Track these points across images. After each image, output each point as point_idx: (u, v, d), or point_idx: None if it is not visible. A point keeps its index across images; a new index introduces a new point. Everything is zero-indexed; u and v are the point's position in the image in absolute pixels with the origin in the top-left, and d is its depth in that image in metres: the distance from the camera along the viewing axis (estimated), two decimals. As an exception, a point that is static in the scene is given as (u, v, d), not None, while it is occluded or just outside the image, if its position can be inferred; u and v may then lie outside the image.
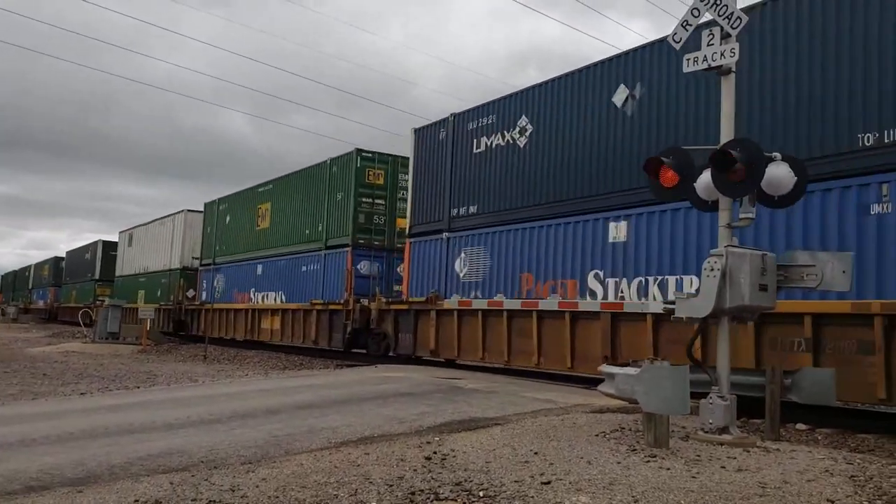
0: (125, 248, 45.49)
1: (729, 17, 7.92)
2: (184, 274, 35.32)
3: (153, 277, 39.08)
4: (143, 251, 41.44)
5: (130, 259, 43.78)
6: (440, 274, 18.34)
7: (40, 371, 18.05)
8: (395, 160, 23.26)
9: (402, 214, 21.82)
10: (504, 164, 16.87)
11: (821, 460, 6.75)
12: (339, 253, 23.10)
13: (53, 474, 6.22)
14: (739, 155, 7.42)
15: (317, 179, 25.26)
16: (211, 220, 33.83)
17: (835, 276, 7.56)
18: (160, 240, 38.81)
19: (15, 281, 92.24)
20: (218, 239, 32.73)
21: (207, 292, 32.91)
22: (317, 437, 7.82)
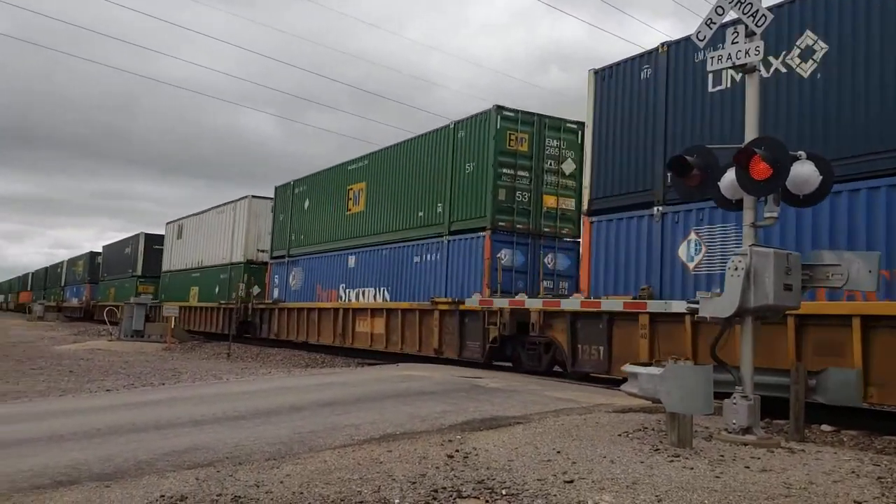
0: (173, 240, 41.14)
1: (754, 15, 7.87)
2: (248, 268, 31.03)
3: (209, 273, 34.87)
4: (197, 244, 37.34)
5: (180, 253, 39.77)
6: (647, 263, 13.25)
7: (66, 368, 18.30)
8: (540, 120, 18.13)
9: (549, 190, 17.98)
10: (772, 103, 11.24)
11: (847, 462, 6.69)
12: (469, 239, 18.17)
13: (81, 469, 6.31)
14: (765, 153, 7.37)
15: (434, 149, 20.20)
16: (284, 205, 29.22)
17: (861, 276, 7.48)
18: (218, 231, 34.63)
19: (46, 278, 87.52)
20: (294, 227, 28.05)
21: (280, 289, 28.44)
22: (340, 434, 7.87)
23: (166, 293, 40.80)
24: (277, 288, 28.70)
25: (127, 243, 51.26)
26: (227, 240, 33.28)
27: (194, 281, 36.84)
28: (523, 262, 17.63)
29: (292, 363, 21.95)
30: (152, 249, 46.20)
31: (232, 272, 32.12)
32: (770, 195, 7.71)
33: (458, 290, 18.05)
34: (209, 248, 35.45)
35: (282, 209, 29.35)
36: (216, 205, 35.57)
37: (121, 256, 52.18)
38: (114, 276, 53.57)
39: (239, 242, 32.06)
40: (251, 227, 31.59)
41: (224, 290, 32.43)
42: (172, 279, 40.49)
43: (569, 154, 18.18)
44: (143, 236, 47.75)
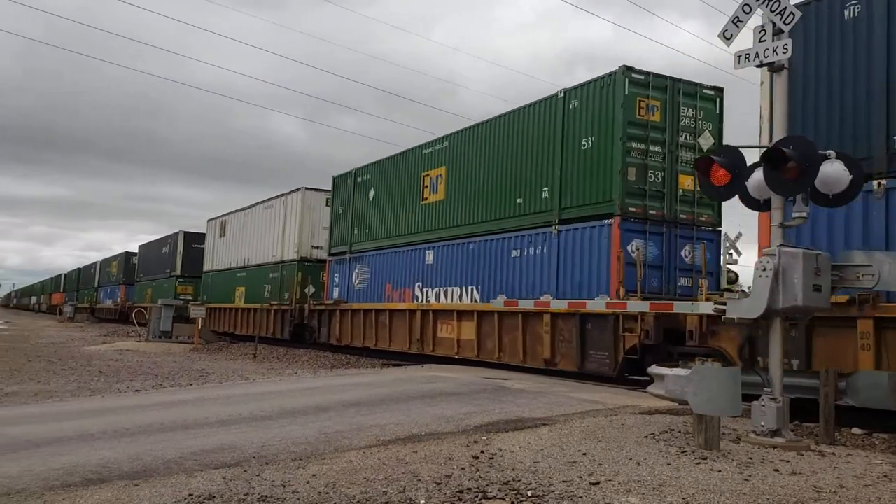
0: (216, 238, 38.33)
1: (782, 13, 7.79)
2: (302, 267, 28.07)
3: (257, 272, 31.93)
4: (243, 241, 34.39)
5: (224, 251, 36.91)
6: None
7: (96, 369, 18.53)
8: (673, 85, 15.12)
9: (685, 169, 14.91)
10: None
11: (878, 465, 6.59)
12: (588, 228, 15.09)
13: (111, 468, 6.39)
14: (793, 153, 7.29)
15: (536, 124, 17.02)
16: (344, 196, 26.00)
17: (892, 276, 7.37)
18: (266, 226, 31.76)
19: (79, 279, 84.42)
20: (357, 221, 24.83)
21: (341, 289, 25.22)
22: (365, 434, 7.90)
23: (208, 294, 38.08)
24: (338, 287, 25.46)
25: (165, 242, 48.21)
26: (276, 236, 30.34)
27: (240, 281, 33.85)
28: (657, 256, 14.67)
29: (318, 364, 22.06)
30: (192, 248, 43.55)
31: (284, 271, 29.15)
32: (799, 195, 7.61)
33: (574, 288, 15.19)
34: (257, 245, 32.54)
35: (341, 201, 26.12)
36: (263, 199, 32.75)
37: (158, 256, 49.20)
38: (151, 277, 50.60)
39: (291, 238, 29.21)
40: (304, 221, 28.62)
41: (275, 290, 29.54)
42: (215, 279, 37.62)
43: (706, 125, 15.36)
44: (182, 235, 44.60)
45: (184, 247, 44.32)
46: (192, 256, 43.12)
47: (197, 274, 41.88)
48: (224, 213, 37.53)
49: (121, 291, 60.13)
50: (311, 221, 28.76)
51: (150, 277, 50.59)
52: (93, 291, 73.02)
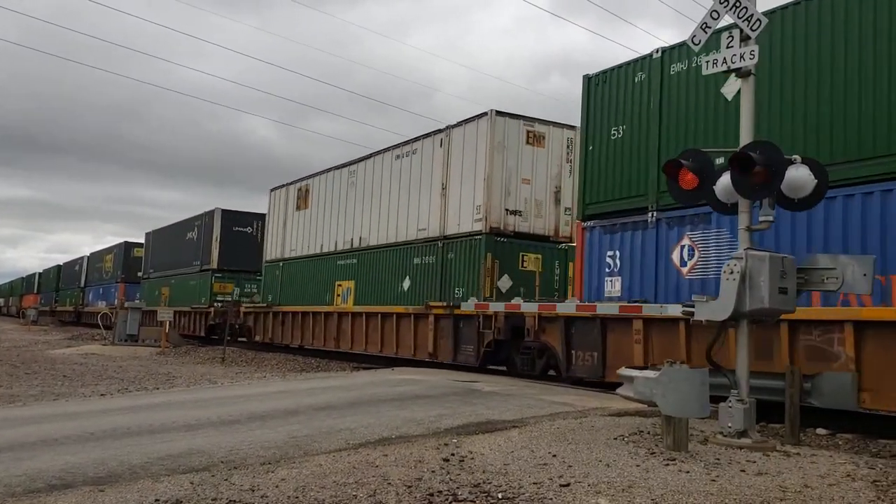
0: (288, 213, 27.74)
1: (748, 20, 7.90)
2: (493, 244, 17.24)
3: (383, 256, 21.29)
4: (347, 212, 23.68)
5: (307, 230, 26.24)
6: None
7: (60, 372, 18.23)
8: None
9: None
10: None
11: (842, 465, 6.70)
12: None
13: (75, 473, 6.28)
14: (759, 157, 7.39)
15: None
16: (619, 109, 13.87)
17: (856, 279, 7.50)
18: (403, 184, 20.78)
19: (59, 278, 71.23)
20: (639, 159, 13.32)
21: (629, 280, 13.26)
22: (335, 438, 7.85)
23: (276, 293, 27.51)
24: (613, 278, 13.55)
25: (189, 226, 37.14)
26: (429, 197, 19.55)
27: (345, 272, 23.31)
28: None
29: (287, 367, 21.91)
30: (232, 233, 33.58)
31: (450, 252, 18.27)
32: (765, 199, 7.73)
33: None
34: (383, 215, 21.69)
35: (620, 118, 13.87)
36: (392, 145, 21.89)
37: (180, 245, 38.06)
38: (167, 272, 39.85)
39: (467, 198, 18.07)
40: (494, 168, 17.44)
41: (427, 283, 19.03)
42: (290, 272, 26.82)
43: None
44: (219, 214, 33.68)
45: (222, 230, 33.44)
46: (235, 243, 33.53)
47: (241, 267, 33.14)
48: (302, 177, 27.00)
49: (119, 292, 48.86)
50: (505, 168, 17.61)
51: (167, 273, 39.80)
52: (77, 292, 61.30)
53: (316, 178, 26.15)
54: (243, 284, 33.50)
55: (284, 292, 27.05)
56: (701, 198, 8.44)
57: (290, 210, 27.73)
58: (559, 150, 18.39)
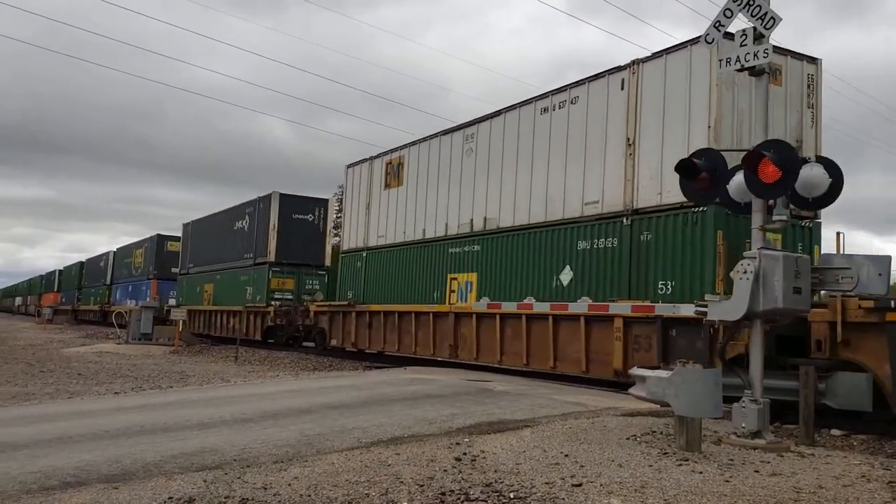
0: (373, 194, 22.81)
1: (762, 18, 7.86)
2: (721, 217, 11.92)
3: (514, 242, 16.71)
4: (459, 188, 18.76)
5: (399, 212, 21.36)
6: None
7: (75, 371, 18.35)
8: None
9: None
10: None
11: (857, 466, 6.65)
12: None
13: (90, 471, 6.32)
14: (774, 156, 7.35)
15: None
16: None
17: (871, 279, 7.45)
18: (556, 145, 15.74)
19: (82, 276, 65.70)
20: None
21: None
22: (347, 436, 7.87)
23: (360, 289, 22.70)
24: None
25: (238, 214, 32.32)
26: (596, 162, 14.72)
27: (459, 261, 18.38)
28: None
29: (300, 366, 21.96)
30: (292, 221, 29.03)
31: (649, 231, 13.51)
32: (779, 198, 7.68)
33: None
34: (520, 189, 16.66)
35: None
36: (534, 96, 16.70)
37: (225, 236, 33.66)
38: (211, 267, 34.96)
39: (671, 160, 10.74)
40: (722, 112, 12.32)
41: (604, 274, 14.25)
42: (380, 263, 21.98)
43: None
44: (277, 198, 28.96)
45: (280, 218, 28.85)
46: (294, 232, 29.04)
47: (301, 260, 28.91)
48: (391, 149, 22.25)
49: (151, 289, 44.03)
50: (736, 112, 12.44)
51: (210, 268, 35.14)
52: (103, 290, 56.36)
53: (413, 148, 21.08)
54: (304, 280, 28.83)
55: (369, 288, 22.34)
56: (714, 197, 8.41)
57: (376, 189, 22.64)
58: (798, 89, 13.34)
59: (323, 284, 29.18)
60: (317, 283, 29.13)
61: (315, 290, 28.67)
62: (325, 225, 29.73)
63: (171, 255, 43.45)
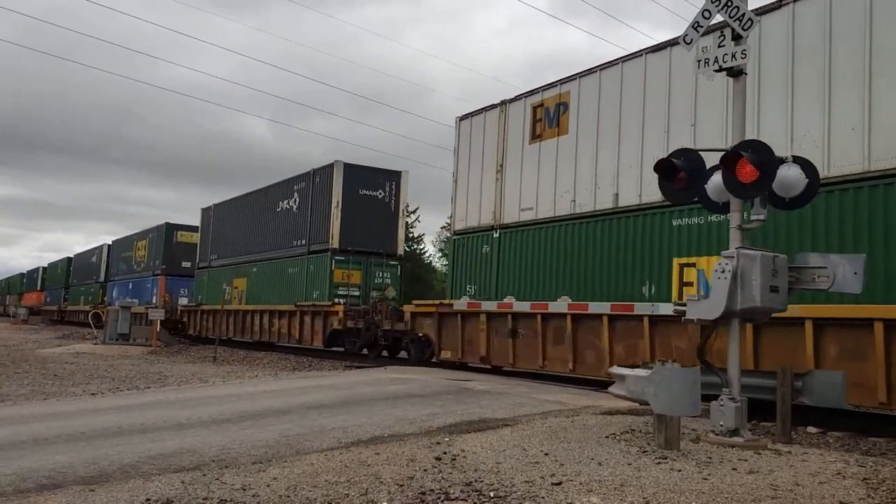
0: (507, 153, 16.89)
1: (740, 19, 7.91)
2: None
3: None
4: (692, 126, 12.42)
5: (559, 174, 15.36)
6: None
7: (51, 372, 18.14)
8: None
9: None
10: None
11: (833, 463, 6.72)
12: None
13: (66, 473, 6.25)
14: (751, 156, 7.41)
15: None
16: None
17: (846, 278, 7.53)
18: None
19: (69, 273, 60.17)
20: None
21: None
22: (327, 437, 7.84)
23: (499, 283, 16.63)
24: None
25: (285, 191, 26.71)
26: None
27: (686, 239, 12.52)
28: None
29: (279, 366, 21.85)
30: (359, 198, 23.70)
31: None
32: (757, 198, 7.74)
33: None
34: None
35: None
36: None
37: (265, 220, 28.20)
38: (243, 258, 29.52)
39: None
40: None
41: None
42: (529, 246, 15.98)
43: None
44: (340, 168, 23.71)
45: (344, 194, 23.49)
46: (361, 212, 23.74)
47: (370, 247, 23.86)
48: (544, 85, 16.28)
49: (159, 287, 38.11)
50: None
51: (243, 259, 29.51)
52: (96, 288, 50.90)
53: (588, 79, 15.05)
54: (373, 272, 23.73)
55: (506, 280, 16.35)
56: (692, 196, 8.46)
57: (516, 143, 16.52)
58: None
59: (394, 277, 23.97)
60: (388, 275, 23.90)
61: (386, 285, 23.49)
62: (397, 203, 24.43)
63: (181, 247, 38.29)
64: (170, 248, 38.90)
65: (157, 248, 40.00)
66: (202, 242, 34.60)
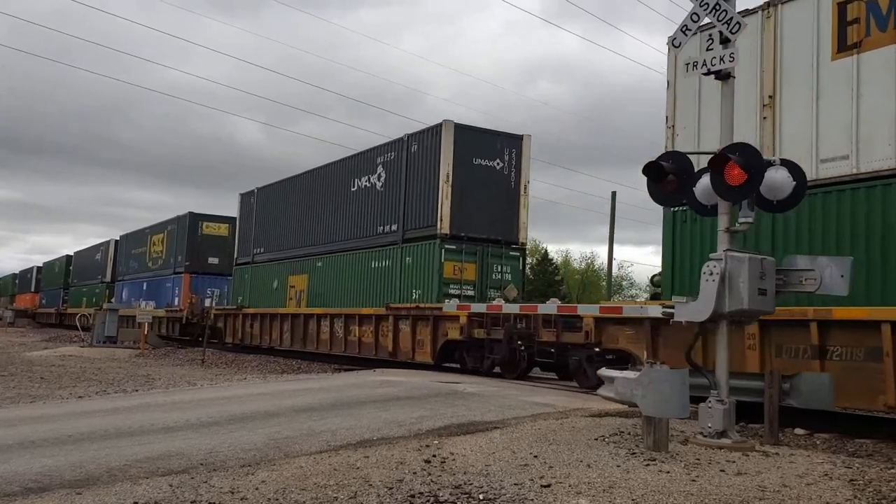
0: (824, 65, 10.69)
1: (728, 23, 7.95)
2: None
3: None
4: None
5: None
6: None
7: (38, 375, 18.02)
8: None
9: None
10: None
11: (820, 464, 6.76)
12: None
13: (52, 476, 6.20)
14: (739, 159, 7.45)
15: None
16: None
17: (833, 281, 7.57)
18: None
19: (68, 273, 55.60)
20: None
21: None
22: (316, 440, 7.81)
23: None
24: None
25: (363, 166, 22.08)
26: None
27: None
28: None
29: (268, 369, 21.79)
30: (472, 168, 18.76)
31: None
32: (744, 200, 7.78)
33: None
34: None
35: None
36: None
37: (332, 202, 23.49)
38: (300, 250, 24.97)
39: None
40: None
41: None
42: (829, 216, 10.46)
43: None
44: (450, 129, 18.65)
45: (455, 162, 18.39)
46: (476, 187, 18.65)
47: (489, 233, 18.86)
48: None
49: (182, 286, 33.58)
50: None
51: (301, 252, 24.86)
52: (101, 289, 46.29)
53: None
54: (490, 266, 18.68)
55: None
56: (680, 199, 8.50)
57: (803, 61, 11.13)
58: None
59: (515, 272, 19.09)
60: (508, 269, 18.99)
61: (507, 282, 18.51)
62: (518, 176, 19.06)
63: (208, 240, 33.96)
64: (194, 241, 34.01)
65: (178, 243, 34.87)
66: (242, 234, 29.69)
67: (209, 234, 34.13)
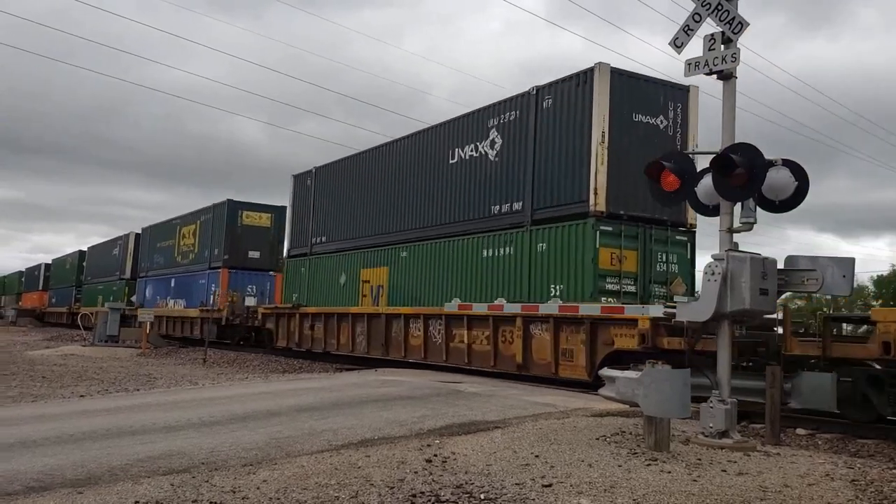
0: None
1: (730, 23, 7.95)
2: None
3: None
4: None
5: None
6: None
7: (39, 374, 18.03)
8: None
9: None
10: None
11: (821, 465, 6.75)
12: None
13: (54, 475, 6.21)
14: (741, 159, 7.44)
15: None
16: None
17: (835, 281, 7.57)
18: None
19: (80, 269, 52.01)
20: None
21: None
22: (317, 439, 7.82)
23: None
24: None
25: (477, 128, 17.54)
26: None
27: None
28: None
29: (269, 369, 21.80)
30: (632, 126, 14.63)
31: None
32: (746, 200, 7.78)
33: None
34: None
35: None
36: None
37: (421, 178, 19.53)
38: (377, 238, 21.11)
39: None
40: None
41: None
42: None
43: None
44: (606, 74, 14.36)
45: (611, 119, 14.31)
46: (636, 154, 13.87)
47: (651, 212, 14.48)
48: None
49: (221, 282, 29.59)
50: None
51: (379, 240, 21.02)
52: (120, 287, 42.24)
53: None
54: (654, 253, 14.84)
55: None
56: (682, 199, 8.49)
57: None
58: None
59: (683, 262, 15.18)
60: (674, 258, 15.14)
61: (674, 275, 14.97)
62: (684, 138, 15.33)
63: (248, 231, 30.09)
64: (233, 232, 29.78)
65: (214, 234, 30.63)
66: (296, 221, 25.81)
67: (250, 225, 30.20)
